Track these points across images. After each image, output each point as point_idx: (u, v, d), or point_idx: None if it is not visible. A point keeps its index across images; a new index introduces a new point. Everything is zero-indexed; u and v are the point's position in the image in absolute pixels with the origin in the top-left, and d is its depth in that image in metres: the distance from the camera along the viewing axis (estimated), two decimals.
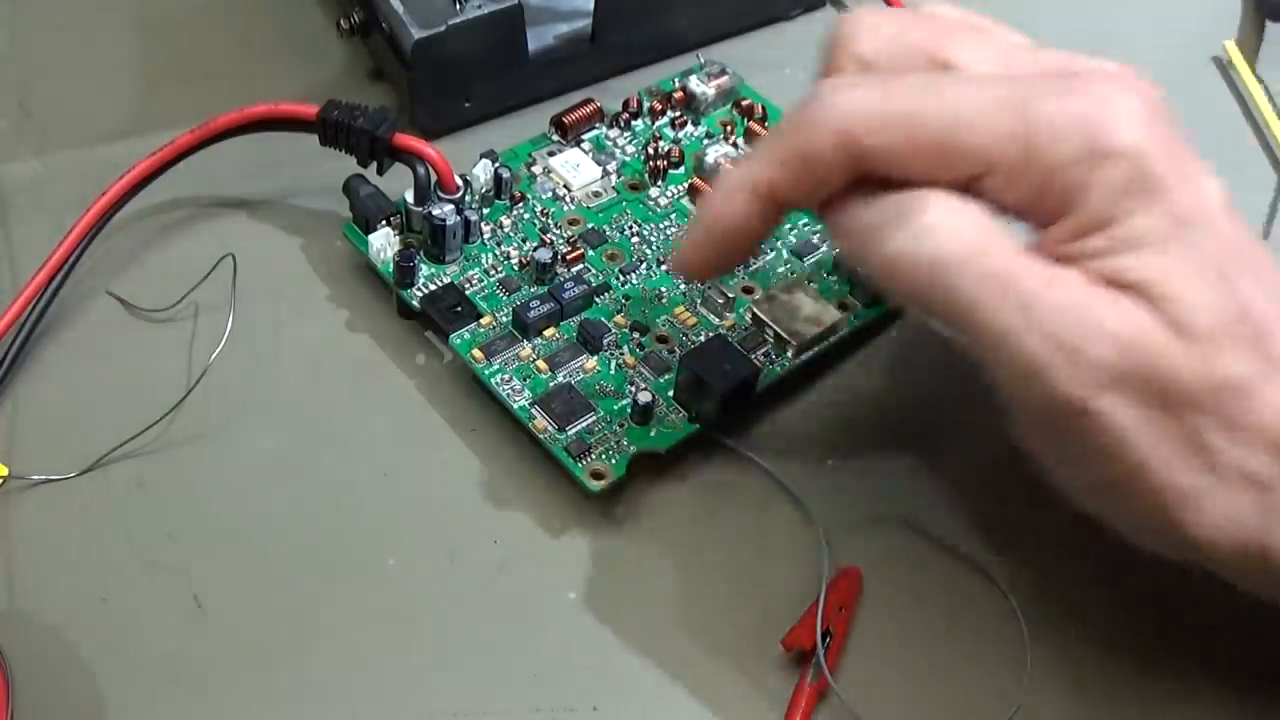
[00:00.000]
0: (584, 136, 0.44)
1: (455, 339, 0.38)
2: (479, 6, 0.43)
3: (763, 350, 0.39)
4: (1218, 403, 0.27)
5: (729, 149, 0.43)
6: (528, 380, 0.37)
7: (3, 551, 0.35)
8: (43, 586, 0.34)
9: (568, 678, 0.33)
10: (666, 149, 0.44)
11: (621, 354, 0.38)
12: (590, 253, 0.41)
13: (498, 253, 0.40)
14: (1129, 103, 0.28)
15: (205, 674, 0.33)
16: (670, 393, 0.37)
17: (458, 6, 0.43)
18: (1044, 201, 0.29)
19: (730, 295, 0.39)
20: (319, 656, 0.33)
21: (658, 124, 0.45)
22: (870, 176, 0.29)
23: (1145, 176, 0.28)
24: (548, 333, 0.38)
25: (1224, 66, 0.50)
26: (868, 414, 0.39)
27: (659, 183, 0.43)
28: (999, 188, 0.29)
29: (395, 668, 0.33)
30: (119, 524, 0.35)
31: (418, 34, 0.42)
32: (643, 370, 0.38)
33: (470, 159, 0.41)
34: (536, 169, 0.43)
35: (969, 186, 0.29)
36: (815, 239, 0.42)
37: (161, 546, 0.35)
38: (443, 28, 0.42)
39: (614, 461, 0.36)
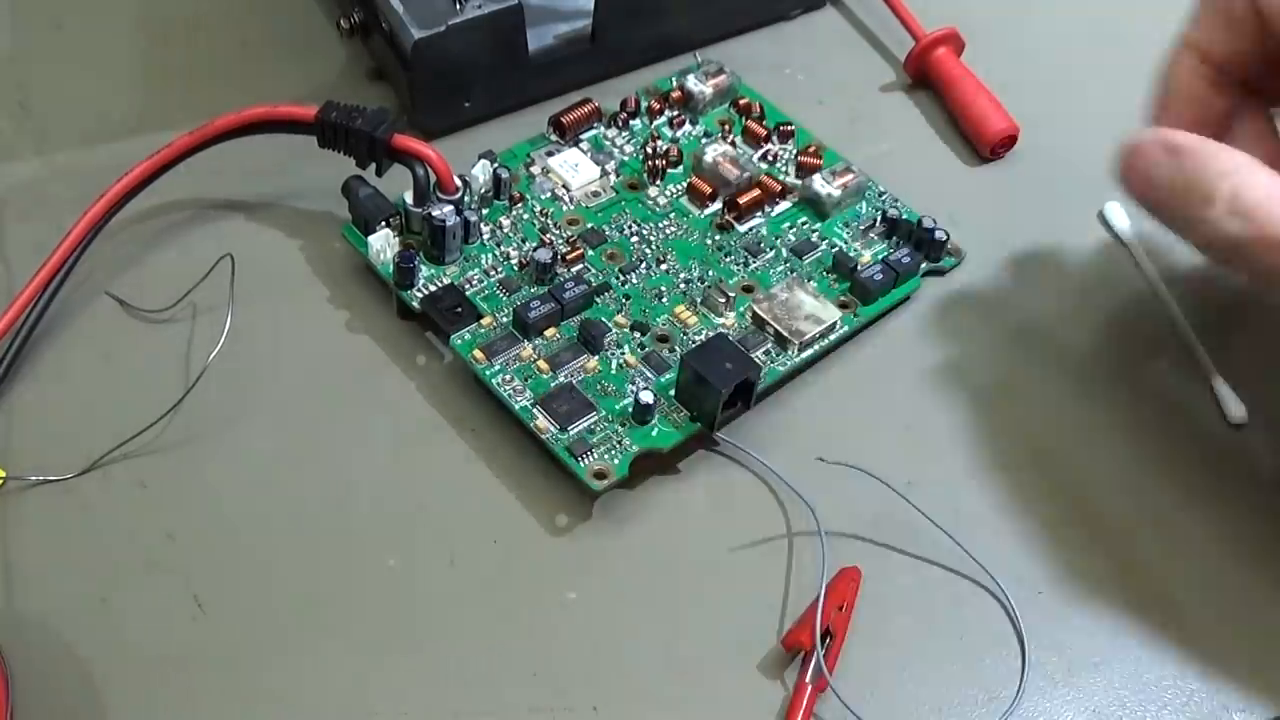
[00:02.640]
0: (582, 136, 0.44)
1: (456, 339, 0.38)
2: (479, 6, 0.43)
3: (763, 349, 0.39)
4: None
5: (727, 147, 0.43)
6: (529, 380, 0.37)
7: (2, 552, 0.35)
8: (43, 586, 0.34)
9: (568, 678, 0.33)
10: (665, 148, 0.44)
11: (622, 353, 0.38)
12: (590, 252, 0.41)
13: (497, 253, 0.40)
14: None
15: (205, 674, 0.33)
16: (672, 392, 0.37)
17: (458, 6, 0.43)
18: None
19: (731, 294, 0.39)
20: (319, 657, 0.33)
21: (656, 123, 0.45)
22: None
23: None
24: (548, 333, 0.38)
25: None
26: (867, 414, 0.39)
27: (658, 182, 0.43)
28: None
29: (395, 667, 0.33)
30: (119, 524, 0.35)
31: (418, 34, 0.42)
32: (644, 369, 0.38)
33: (470, 159, 0.41)
34: (535, 169, 0.43)
35: None
36: (815, 238, 0.42)
37: (161, 546, 0.35)
38: (443, 28, 0.42)
39: (616, 461, 0.36)
